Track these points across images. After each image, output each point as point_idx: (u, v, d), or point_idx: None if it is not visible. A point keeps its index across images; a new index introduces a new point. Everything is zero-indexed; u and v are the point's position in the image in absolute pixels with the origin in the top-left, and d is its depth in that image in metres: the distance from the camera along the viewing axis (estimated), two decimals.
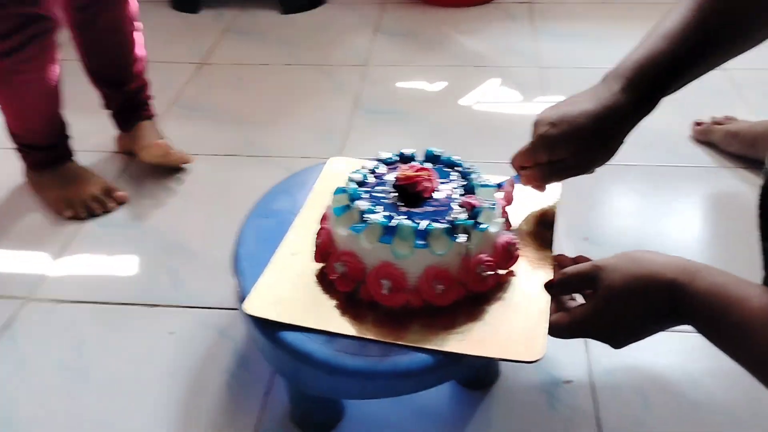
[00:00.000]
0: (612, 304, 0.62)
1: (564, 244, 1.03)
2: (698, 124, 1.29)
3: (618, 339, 0.64)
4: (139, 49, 1.25)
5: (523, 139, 0.77)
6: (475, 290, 0.70)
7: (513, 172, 0.80)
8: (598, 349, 0.87)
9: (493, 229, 0.70)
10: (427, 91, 1.52)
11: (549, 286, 0.70)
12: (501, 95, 1.49)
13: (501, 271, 0.73)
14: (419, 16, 1.88)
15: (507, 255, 0.72)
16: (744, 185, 1.16)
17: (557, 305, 0.70)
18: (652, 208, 1.14)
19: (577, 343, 0.87)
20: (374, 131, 1.38)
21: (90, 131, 1.35)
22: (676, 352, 0.86)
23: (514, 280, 0.73)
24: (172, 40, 1.80)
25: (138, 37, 1.24)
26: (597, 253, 0.99)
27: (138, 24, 1.22)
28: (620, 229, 1.09)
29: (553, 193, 0.85)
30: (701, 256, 1.02)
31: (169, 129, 1.37)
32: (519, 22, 1.82)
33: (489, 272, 0.69)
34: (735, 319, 0.53)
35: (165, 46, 1.76)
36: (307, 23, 1.88)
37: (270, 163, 1.29)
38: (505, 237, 0.72)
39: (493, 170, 0.94)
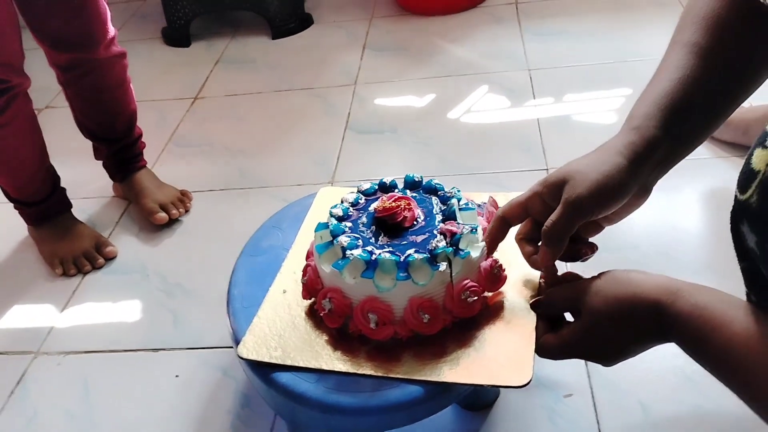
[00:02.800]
0: (596, 326, 0.61)
1: None
2: None
3: (607, 359, 0.63)
4: (128, 106, 1.25)
5: (513, 146, 0.76)
6: (461, 316, 0.70)
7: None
8: None
9: (475, 254, 0.70)
10: (416, 106, 1.53)
11: (535, 306, 0.70)
12: (491, 103, 1.49)
13: (488, 294, 0.73)
14: (406, 28, 1.88)
15: (493, 278, 0.72)
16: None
17: (546, 324, 0.70)
18: (647, 205, 1.12)
19: None
20: (366, 152, 1.38)
21: (89, 178, 1.38)
22: (676, 354, 0.85)
23: (503, 300, 0.73)
24: (166, 77, 1.83)
25: (126, 94, 1.24)
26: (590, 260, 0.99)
27: (127, 80, 1.23)
28: (613, 230, 1.07)
29: None
30: (699, 252, 1.02)
31: (166, 168, 1.40)
32: (506, 25, 1.81)
33: (474, 297, 0.70)
34: (717, 343, 0.52)
35: (159, 83, 1.78)
36: (296, 46, 1.89)
37: (265, 193, 1.30)
38: (490, 260, 0.72)
39: (485, 181, 0.95)
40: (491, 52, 1.69)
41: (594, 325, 0.61)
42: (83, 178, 1.38)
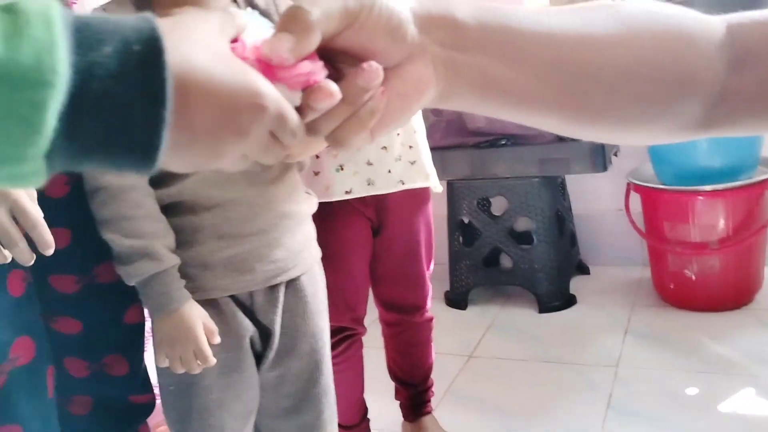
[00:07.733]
0: None
1: None
2: None
3: None
4: (428, 359, 1.57)
5: None
6: None
7: None
8: None
9: None
10: (679, 395, 1.62)
11: None
12: (756, 406, 1.52)
13: None
14: (669, 319, 2.02)
15: None
16: None
17: None
18: None
19: None
20: None
21: (388, 412, 1.68)
22: None
23: None
24: (446, 334, 2.17)
25: (428, 350, 1.57)
26: None
27: (431, 338, 1.57)
28: None
29: None
30: None
31: (444, 417, 1.65)
32: None
33: None
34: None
35: (439, 339, 2.11)
36: (560, 322, 2.14)
37: None
38: None
39: None
40: (757, 355, 1.74)
41: None
42: (381, 412, 1.69)
